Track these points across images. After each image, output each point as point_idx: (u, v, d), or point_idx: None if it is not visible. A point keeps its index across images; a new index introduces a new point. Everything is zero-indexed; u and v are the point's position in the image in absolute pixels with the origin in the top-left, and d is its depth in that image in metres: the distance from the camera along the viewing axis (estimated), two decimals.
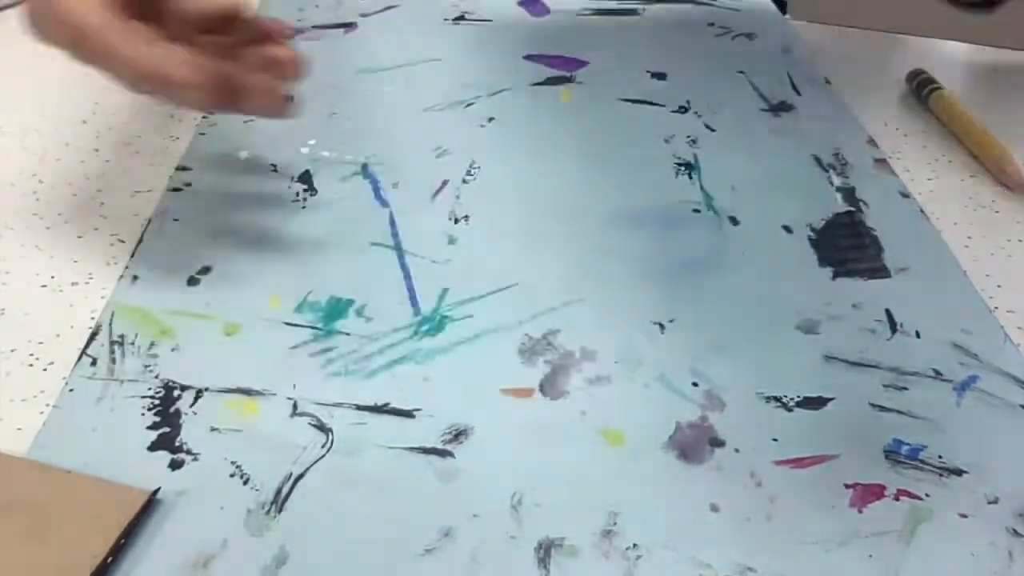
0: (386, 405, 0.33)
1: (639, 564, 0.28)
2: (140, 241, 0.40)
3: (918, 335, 0.37)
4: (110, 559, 0.27)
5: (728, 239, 0.42)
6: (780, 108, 0.53)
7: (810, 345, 0.37)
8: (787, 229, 0.43)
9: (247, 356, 0.35)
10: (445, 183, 0.45)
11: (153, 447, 0.31)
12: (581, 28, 0.61)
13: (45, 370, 0.34)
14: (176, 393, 0.33)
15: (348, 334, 0.36)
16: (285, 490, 0.30)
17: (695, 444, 0.32)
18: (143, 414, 0.32)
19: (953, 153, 0.49)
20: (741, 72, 0.56)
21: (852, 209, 0.45)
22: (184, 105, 0.37)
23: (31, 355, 0.35)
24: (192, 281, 0.38)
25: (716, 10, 0.63)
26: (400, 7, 0.61)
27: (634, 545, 0.29)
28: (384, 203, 0.44)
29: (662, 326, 0.37)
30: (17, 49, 0.56)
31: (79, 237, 0.41)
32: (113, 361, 0.34)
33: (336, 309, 0.37)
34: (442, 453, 0.31)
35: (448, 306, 0.38)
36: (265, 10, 0.61)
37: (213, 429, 0.32)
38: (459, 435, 0.32)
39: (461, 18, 0.61)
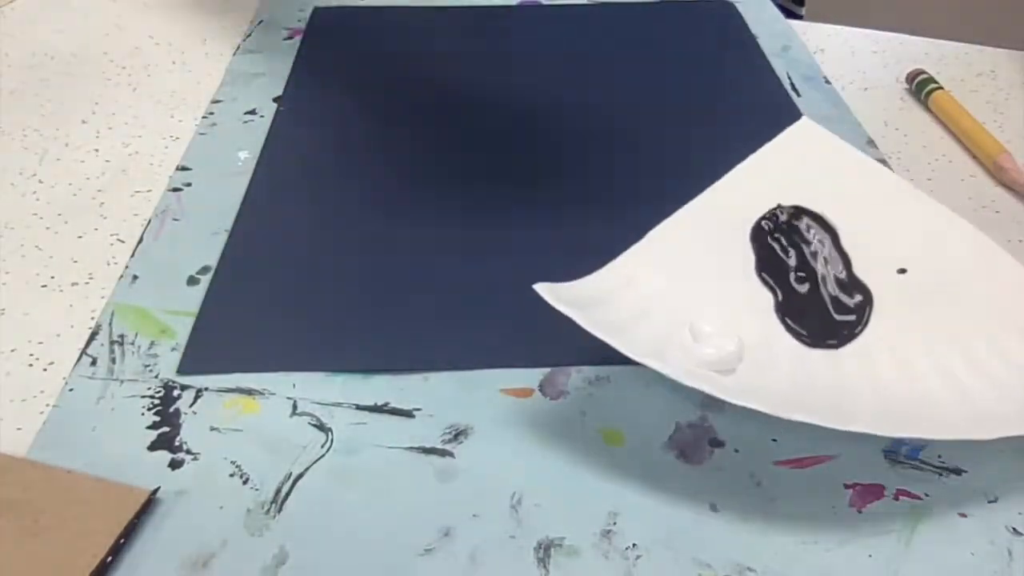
0: (386, 405, 0.33)
1: (639, 564, 0.28)
2: (140, 241, 0.40)
3: None
4: (110, 559, 0.27)
5: None
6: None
7: None
8: None
9: None
10: None
11: (153, 447, 0.31)
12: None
13: (45, 370, 0.34)
14: (176, 393, 0.33)
15: None
16: (285, 490, 0.30)
17: (695, 444, 0.32)
18: (143, 414, 0.32)
19: (953, 153, 0.49)
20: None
21: None
22: None
23: (31, 355, 0.35)
24: (192, 281, 0.38)
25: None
26: None
27: (634, 545, 0.29)
28: None
29: None
30: (17, 49, 0.56)
31: (79, 237, 0.41)
32: (113, 361, 0.34)
33: None
34: (442, 453, 0.31)
35: None
36: (265, 10, 0.62)
37: (213, 429, 0.32)
38: (459, 435, 0.32)
39: None
